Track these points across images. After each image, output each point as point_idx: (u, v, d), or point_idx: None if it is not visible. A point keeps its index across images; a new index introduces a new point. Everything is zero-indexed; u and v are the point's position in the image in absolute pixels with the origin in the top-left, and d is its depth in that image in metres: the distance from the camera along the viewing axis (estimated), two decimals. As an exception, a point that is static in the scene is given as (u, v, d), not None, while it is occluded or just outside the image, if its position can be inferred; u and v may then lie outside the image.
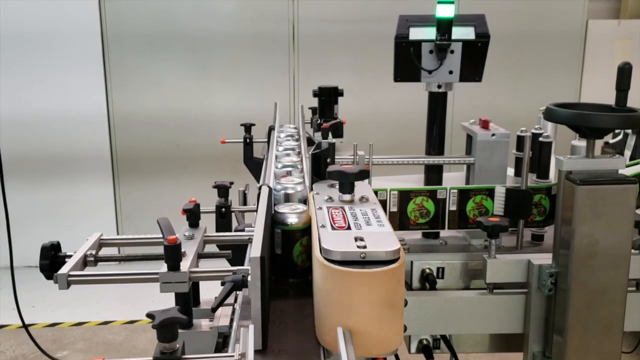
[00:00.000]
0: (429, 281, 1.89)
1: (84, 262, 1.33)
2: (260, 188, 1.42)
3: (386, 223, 1.12)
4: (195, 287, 1.55)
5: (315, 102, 2.56)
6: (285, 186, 1.43)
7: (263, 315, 1.00)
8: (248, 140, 2.69)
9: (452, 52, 2.01)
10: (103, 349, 3.96)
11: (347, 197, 1.26)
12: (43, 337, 4.00)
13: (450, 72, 2.03)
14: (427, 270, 1.91)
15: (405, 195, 1.87)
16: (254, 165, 2.67)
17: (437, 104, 2.10)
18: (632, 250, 1.59)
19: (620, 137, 2.35)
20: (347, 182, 1.26)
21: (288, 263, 1.29)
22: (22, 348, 3.90)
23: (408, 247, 1.98)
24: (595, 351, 1.60)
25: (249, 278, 1.02)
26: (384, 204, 1.85)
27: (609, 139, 2.39)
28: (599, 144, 1.72)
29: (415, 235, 2.09)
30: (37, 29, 4.86)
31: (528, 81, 5.37)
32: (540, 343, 1.73)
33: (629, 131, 2.32)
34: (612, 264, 1.56)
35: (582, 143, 2.08)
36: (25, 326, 2.45)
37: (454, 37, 2.00)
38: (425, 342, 1.95)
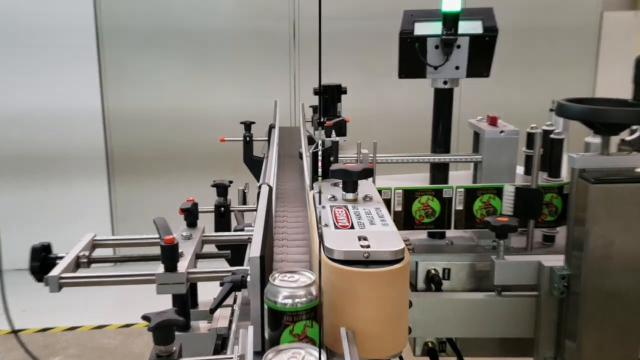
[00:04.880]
0: (434, 282, 1.87)
1: (77, 264, 1.34)
2: (260, 187, 1.41)
3: (390, 222, 1.12)
4: (193, 288, 1.55)
5: (315, 100, 2.52)
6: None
7: (262, 316, 0.98)
8: (248, 139, 2.68)
9: (458, 47, 1.98)
10: (97, 354, 3.90)
11: (350, 196, 1.25)
12: (34, 343, 3.93)
13: (457, 68, 2.01)
14: (433, 271, 1.90)
15: (410, 194, 1.86)
16: (254, 164, 2.66)
17: (443, 100, 2.08)
18: (649, 252, 1.55)
19: (637, 133, 2.29)
20: (350, 181, 1.25)
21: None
22: (12, 355, 3.81)
23: (413, 247, 1.96)
24: (611, 357, 1.57)
25: (249, 278, 1.01)
26: (388, 203, 1.83)
27: (626, 135, 2.33)
28: (614, 141, 1.69)
29: (421, 235, 2.08)
30: (29, 23, 4.80)
31: (539, 76, 5.24)
32: (552, 348, 1.70)
33: (647, 127, 2.27)
34: (629, 266, 1.53)
35: (596, 140, 2.04)
36: (14, 332, 2.39)
37: (460, 31, 1.97)
38: (430, 344, 1.94)
